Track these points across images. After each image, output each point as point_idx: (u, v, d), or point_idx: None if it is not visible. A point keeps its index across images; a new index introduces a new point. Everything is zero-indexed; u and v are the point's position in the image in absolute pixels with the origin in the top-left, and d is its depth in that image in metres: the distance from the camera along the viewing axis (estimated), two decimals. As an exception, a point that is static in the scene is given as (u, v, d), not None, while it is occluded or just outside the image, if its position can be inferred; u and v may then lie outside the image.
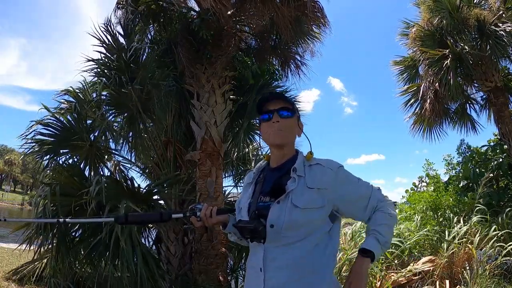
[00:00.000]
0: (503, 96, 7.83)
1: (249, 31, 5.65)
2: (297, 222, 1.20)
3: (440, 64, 7.21)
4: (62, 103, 4.91)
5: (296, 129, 1.38)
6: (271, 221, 1.21)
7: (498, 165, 7.95)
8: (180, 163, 5.11)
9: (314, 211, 1.22)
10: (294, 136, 1.38)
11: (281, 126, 1.33)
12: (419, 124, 8.98)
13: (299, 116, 1.42)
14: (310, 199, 1.22)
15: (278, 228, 1.20)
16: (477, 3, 7.81)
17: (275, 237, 1.21)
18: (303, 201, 1.22)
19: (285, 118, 1.34)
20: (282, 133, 1.32)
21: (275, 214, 1.22)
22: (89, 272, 4.28)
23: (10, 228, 8.45)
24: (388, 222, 1.33)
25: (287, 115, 1.34)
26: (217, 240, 4.50)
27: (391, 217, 1.34)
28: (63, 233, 3.81)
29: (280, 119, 1.33)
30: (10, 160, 69.11)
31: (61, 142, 4.49)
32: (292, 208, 1.21)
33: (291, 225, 1.20)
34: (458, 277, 4.20)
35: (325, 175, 1.27)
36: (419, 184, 10.64)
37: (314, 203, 1.22)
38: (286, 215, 1.20)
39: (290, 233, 1.20)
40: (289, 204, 1.22)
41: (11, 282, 5.21)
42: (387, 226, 1.33)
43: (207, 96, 4.86)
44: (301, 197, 1.22)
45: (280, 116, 1.33)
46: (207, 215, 1.37)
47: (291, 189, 1.23)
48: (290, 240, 1.20)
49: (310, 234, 1.22)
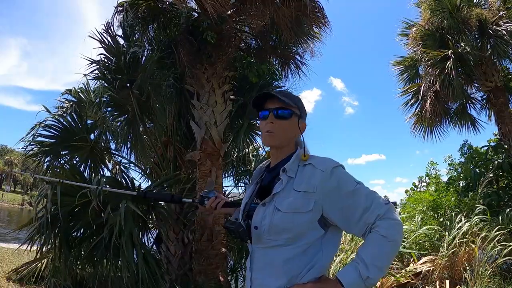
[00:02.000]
0: (503, 96, 7.83)
1: (249, 31, 5.65)
2: (278, 226, 1.15)
3: (442, 65, 7.22)
4: (63, 103, 4.93)
5: (293, 129, 1.28)
6: (255, 223, 1.20)
7: (498, 165, 7.95)
8: (180, 163, 5.11)
9: (298, 216, 1.14)
10: (289, 137, 1.29)
11: (274, 127, 1.26)
12: (420, 124, 8.98)
13: (301, 116, 1.30)
14: (294, 202, 1.15)
15: (260, 230, 1.18)
16: (477, 2, 7.82)
17: (258, 239, 1.19)
18: (286, 204, 1.15)
19: (281, 119, 1.26)
20: (274, 135, 1.26)
21: (259, 216, 1.20)
22: (89, 272, 4.28)
23: (12, 228, 8.44)
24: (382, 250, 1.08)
25: (283, 116, 1.26)
26: (217, 240, 4.50)
27: (390, 243, 1.08)
28: (65, 232, 3.82)
29: (275, 120, 1.26)
30: (10, 160, 69.14)
31: (62, 143, 4.50)
32: (274, 211, 1.16)
33: (272, 229, 1.16)
34: (458, 277, 4.20)
35: (313, 177, 1.16)
36: (419, 184, 10.64)
37: (299, 207, 1.14)
38: (267, 218, 1.17)
39: (273, 236, 1.16)
40: (272, 206, 1.18)
41: (11, 282, 5.22)
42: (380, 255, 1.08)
43: (207, 96, 4.86)
44: (285, 200, 1.16)
45: (275, 117, 1.26)
46: (212, 207, 1.44)
47: (276, 191, 1.19)
48: (273, 243, 1.17)
49: (296, 239, 1.15)
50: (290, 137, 1.29)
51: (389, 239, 1.08)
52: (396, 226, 1.10)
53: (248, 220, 1.23)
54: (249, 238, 1.21)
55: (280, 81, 5.87)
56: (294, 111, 1.28)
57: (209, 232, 4.49)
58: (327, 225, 1.18)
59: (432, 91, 7.93)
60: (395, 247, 1.10)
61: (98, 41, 4.35)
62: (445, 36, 7.78)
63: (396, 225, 1.10)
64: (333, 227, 1.19)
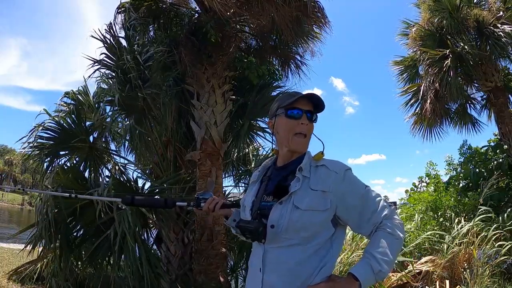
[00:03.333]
0: (503, 96, 7.83)
1: (249, 31, 5.65)
2: (297, 224, 1.16)
3: (440, 64, 7.22)
4: (62, 106, 4.94)
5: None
6: (271, 222, 1.19)
7: (498, 165, 7.95)
8: (180, 163, 5.11)
9: (316, 214, 1.17)
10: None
11: (307, 131, 1.27)
12: (419, 124, 8.98)
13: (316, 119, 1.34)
14: (312, 201, 1.18)
15: (278, 229, 1.18)
16: (477, 3, 7.81)
17: (274, 238, 1.19)
18: (305, 202, 1.18)
19: (312, 123, 1.29)
20: (307, 141, 1.29)
21: (276, 214, 1.19)
22: (90, 273, 4.29)
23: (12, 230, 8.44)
24: (390, 246, 1.16)
25: (314, 120, 1.30)
26: (217, 240, 4.49)
27: (396, 240, 1.18)
28: (66, 233, 3.82)
29: (309, 123, 1.27)
30: (10, 160, 69.13)
31: (61, 144, 4.50)
32: (293, 209, 1.17)
33: (291, 227, 1.16)
34: (458, 277, 4.20)
35: (329, 178, 1.20)
36: (419, 184, 10.63)
37: (317, 205, 1.17)
38: (286, 216, 1.17)
39: (290, 235, 1.17)
40: (290, 205, 1.18)
41: (12, 282, 5.22)
42: (388, 251, 1.15)
43: (207, 96, 4.86)
44: (304, 199, 1.18)
45: (309, 120, 1.27)
46: (210, 209, 1.38)
47: (294, 190, 1.20)
48: (290, 242, 1.17)
49: (312, 238, 1.17)
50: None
51: (396, 236, 1.18)
52: (400, 225, 1.21)
53: (261, 219, 1.22)
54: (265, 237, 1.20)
55: (280, 81, 5.86)
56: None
57: (209, 232, 4.49)
58: (337, 224, 1.24)
59: (432, 91, 7.92)
60: (400, 243, 1.21)
61: (100, 41, 4.33)
62: (445, 36, 7.78)
63: (400, 224, 1.22)
64: (340, 226, 1.25)
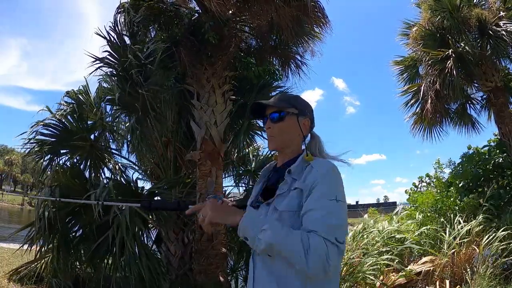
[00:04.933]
0: (503, 96, 7.82)
1: (249, 31, 5.65)
2: None
3: (442, 64, 7.20)
4: (63, 105, 4.92)
5: (292, 129, 1.29)
6: None
7: (498, 165, 7.94)
8: (180, 163, 5.11)
9: (292, 215, 1.13)
10: (289, 138, 1.30)
11: (272, 132, 1.31)
12: (420, 124, 8.97)
13: (299, 114, 1.31)
14: (290, 202, 1.15)
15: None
16: (477, 2, 7.81)
17: None
18: (284, 204, 1.16)
19: (276, 123, 1.30)
20: (273, 139, 1.31)
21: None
22: (90, 272, 4.28)
23: (13, 229, 8.44)
24: (291, 246, 1.02)
25: (278, 119, 1.30)
26: (217, 240, 4.49)
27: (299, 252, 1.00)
28: (64, 233, 3.82)
29: (272, 124, 1.31)
30: (10, 160, 69.14)
31: (62, 141, 4.49)
32: (273, 211, 1.18)
33: None
34: (459, 277, 4.19)
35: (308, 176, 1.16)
36: (419, 184, 10.62)
37: (294, 206, 1.14)
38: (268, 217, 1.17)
39: None
40: (272, 206, 1.19)
41: (11, 282, 5.21)
42: (284, 245, 1.03)
43: (207, 96, 4.86)
44: (284, 200, 1.17)
45: (271, 121, 1.31)
46: None
47: (280, 192, 1.20)
48: None
49: None
50: (291, 138, 1.30)
51: (305, 251, 1.00)
52: (320, 258, 1.00)
53: None
54: None
55: (280, 81, 5.86)
56: (289, 111, 1.30)
57: (209, 232, 4.49)
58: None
59: (432, 90, 7.91)
60: (302, 265, 1.01)
61: (104, 39, 4.32)
62: (445, 36, 7.77)
63: (321, 257, 1.00)
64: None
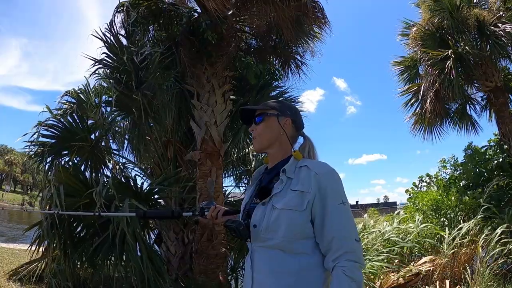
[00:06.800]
0: (503, 96, 7.82)
1: (250, 31, 5.65)
2: (275, 223, 1.19)
3: (442, 64, 7.20)
4: (63, 104, 4.93)
5: (273, 129, 1.35)
6: (254, 221, 1.25)
7: (498, 164, 7.94)
8: (180, 163, 5.11)
9: (292, 214, 1.18)
10: (272, 137, 1.35)
11: (255, 133, 1.39)
12: (420, 124, 8.97)
13: (279, 114, 1.36)
14: (290, 201, 1.19)
15: (259, 228, 1.23)
16: (477, 3, 7.80)
17: (257, 237, 1.24)
18: (283, 202, 1.20)
19: (258, 124, 1.39)
20: (256, 140, 1.39)
21: (258, 215, 1.25)
22: (91, 272, 4.28)
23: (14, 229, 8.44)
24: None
25: (259, 121, 1.39)
26: (217, 240, 4.50)
27: (353, 282, 1.11)
28: (69, 233, 3.83)
29: (254, 126, 1.40)
30: (10, 160, 69.16)
31: (63, 142, 4.50)
32: (272, 209, 1.22)
33: (270, 226, 1.20)
34: (459, 277, 4.20)
35: (307, 178, 1.21)
36: (419, 184, 10.61)
37: (294, 206, 1.18)
38: (266, 216, 1.22)
39: (270, 235, 1.20)
40: (270, 205, 1.23)
41: (11, 282, 5.21)
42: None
43: (207, 96, 4.86)
44: (282, 199, 1.21)
45: (254, 123, 1.40)
46: (213, 216, 1.45)
47: (275, 192, 1.24)
48: (271, 242, 1.20)
49: (293, 239, 1.18)
50: (273, 137, 1.36)
51: (354, 279, 1.12)
52: (359, 268, 1.15)
53: (248, 220, 1.28)
54: (249, 236, 1.26)
55: (280, 81, 5.87)
56: (268, 112, 1.38)
57: (209, 232, 4.49)
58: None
59: (432, 91, 7.91)
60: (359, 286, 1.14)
61: (101, 40, 4.31)
62: (445, 36, 7.77)
63: (359, 267, 1.16)
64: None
